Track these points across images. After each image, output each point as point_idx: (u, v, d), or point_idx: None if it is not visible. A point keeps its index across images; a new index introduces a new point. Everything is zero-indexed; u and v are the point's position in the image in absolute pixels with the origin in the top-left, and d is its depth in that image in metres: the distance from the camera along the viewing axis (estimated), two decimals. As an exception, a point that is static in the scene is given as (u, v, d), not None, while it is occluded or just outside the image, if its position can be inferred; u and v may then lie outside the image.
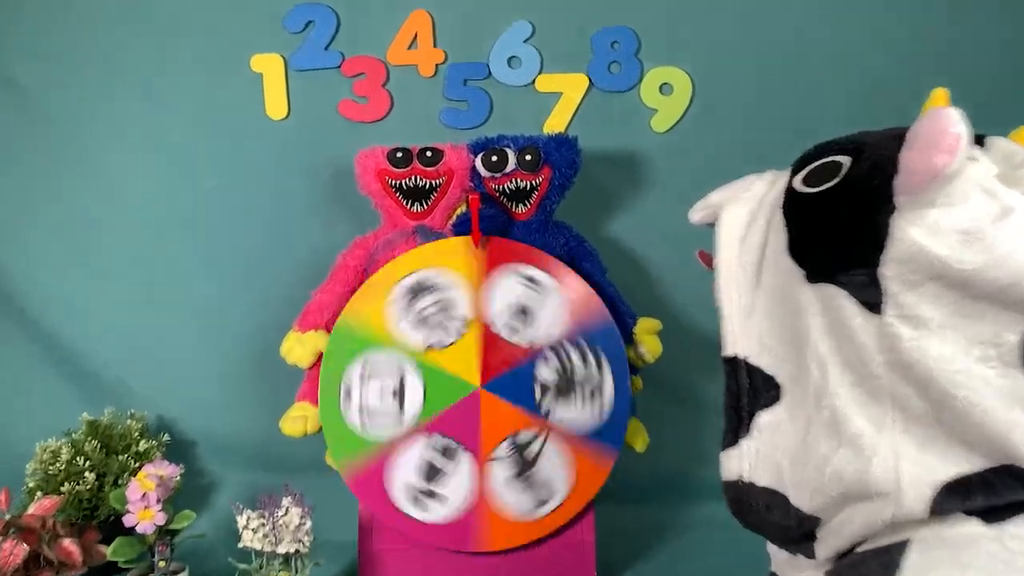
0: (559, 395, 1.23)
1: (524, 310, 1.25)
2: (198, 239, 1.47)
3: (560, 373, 1.24)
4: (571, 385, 1.23)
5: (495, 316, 1.24)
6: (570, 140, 1.32)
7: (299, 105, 1.46)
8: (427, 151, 1.31)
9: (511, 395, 1.23)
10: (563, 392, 1.23)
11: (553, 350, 1.24)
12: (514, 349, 1.24)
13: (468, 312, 1.24)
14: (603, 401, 1.24)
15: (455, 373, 1.23)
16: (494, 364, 1.24)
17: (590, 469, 1.23)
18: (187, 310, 1.48)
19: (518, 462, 1.22)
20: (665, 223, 1.46)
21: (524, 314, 1.25)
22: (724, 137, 1.50)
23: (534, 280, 1.25)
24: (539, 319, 1.25)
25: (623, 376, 1.24)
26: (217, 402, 1.48)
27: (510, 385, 1.23)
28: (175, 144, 1.46)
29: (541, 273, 1.26)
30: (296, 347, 1.29)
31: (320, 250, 1.38)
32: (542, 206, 1.33)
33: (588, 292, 1.26)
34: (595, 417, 1.23)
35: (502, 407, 1.23)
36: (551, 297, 1.25)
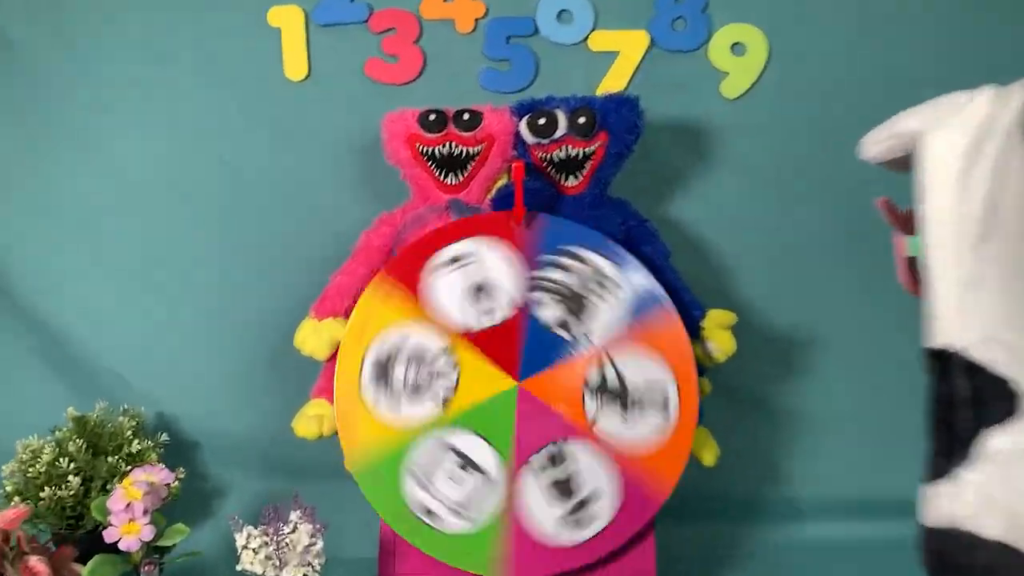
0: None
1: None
2: (206, 216, 1.31)
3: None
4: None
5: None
6: (631, 100, 1.14)
7: (321, 65, 1.30)
8: (464, 113, 1.14)
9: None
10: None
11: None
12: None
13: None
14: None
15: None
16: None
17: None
18: (193, 295, 1.31)
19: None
20: (735, 203, 1.32)
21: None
22: (806, 105, 1.31)
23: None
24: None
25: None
26: (225, 398, 1.31)
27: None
28: (180, 110, 1.30)
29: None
30: (311, 336, 1.12)
31: (344, 228, 1.21)
32: (596, 178, 1.15)
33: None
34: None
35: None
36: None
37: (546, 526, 1.04)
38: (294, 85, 1.30)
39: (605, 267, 1.07)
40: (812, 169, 1.31)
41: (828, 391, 1.33)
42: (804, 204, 1.32)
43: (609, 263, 1.07)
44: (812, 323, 1.33)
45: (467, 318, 1.06)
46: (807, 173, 1.32)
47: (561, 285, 1.07)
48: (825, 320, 1.33)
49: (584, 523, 1.04)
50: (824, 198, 1.32)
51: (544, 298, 1.06)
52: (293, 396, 1.16)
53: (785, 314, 1.32)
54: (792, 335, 1.32)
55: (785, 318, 1.32)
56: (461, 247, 1.08)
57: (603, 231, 1.12)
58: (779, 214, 1.32)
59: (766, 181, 1.31)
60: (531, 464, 1.04)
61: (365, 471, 1.04)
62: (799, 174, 1.32)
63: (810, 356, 1.33)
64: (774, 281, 1.32)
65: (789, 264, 1.32)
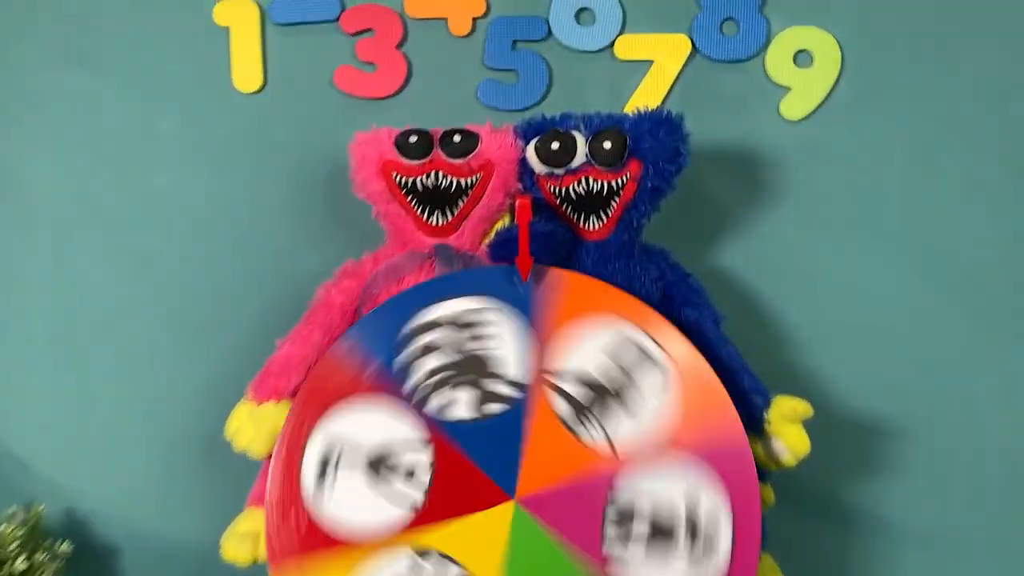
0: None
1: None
2: (133, 260, 1.05)
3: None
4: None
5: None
6: (671, 120, 0.87)
7: (280, 73, 1.04)
8: (454, 134, 0.88)
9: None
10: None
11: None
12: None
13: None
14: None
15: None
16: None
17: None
18: (113, 362, 1.05)
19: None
20: (801, 253, 1.05)
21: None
22: (890, 128, 1.04)
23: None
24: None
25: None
26: (151, 494, 1.05)
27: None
28: (103, 128, 1.05)
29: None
30: (247, 425, 0.86)
31: (303, 278, 0.95)
32: (625, 220, 0.89)
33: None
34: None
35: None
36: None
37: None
38: (245, 98, 1.04)
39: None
40: (899, 211, 1.04)
41: (916, 495, 1.06)
42: (890, 255, 1.04)
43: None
44: (900, 407, 1.05)
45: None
46: (893, 216, 1.04)
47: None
48: (917, 404, 1.05)
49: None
50: (915, 249, 1.05)
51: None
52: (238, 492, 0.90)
53: (865, 395, 1.05)
54: (876, 422, 1.05)
55: (865, 400, 1.05)
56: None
57: (634, 290, 0.86)
58: (859, 268, 1.04)
59: (840, 225, 1.04)
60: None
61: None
62: (883, 217, 1.05)
63: (897, 450, 1.05)
64: (852, 353, 1.05)
65: (872, 331, 1.05)
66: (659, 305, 0.86)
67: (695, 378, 0.80)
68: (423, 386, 0.80)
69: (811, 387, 1.03)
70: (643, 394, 0.79)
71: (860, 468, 1.05)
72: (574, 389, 0.79)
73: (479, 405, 0.80)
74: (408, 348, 0.81)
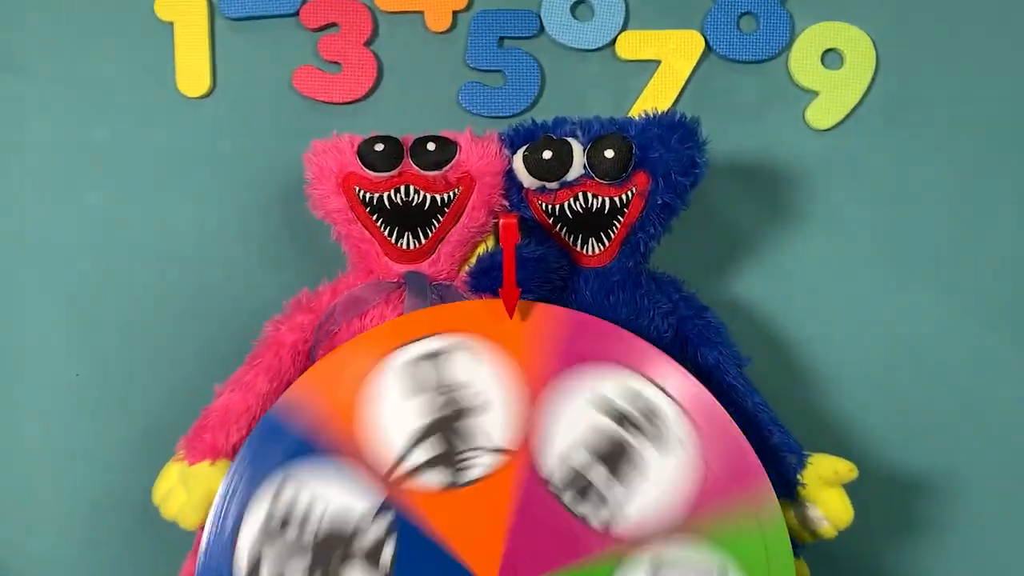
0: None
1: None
2: (59, 288, 0.91)
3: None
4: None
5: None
6: (686, 124, 0.74)
7: (231, 75, 0.91)
8: (427, 142, 0.74)
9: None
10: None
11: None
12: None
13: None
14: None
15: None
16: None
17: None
18: (32, 407, 0.91)
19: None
20: (832, 281, 0.92)
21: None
22: (930, 139, 0.91)
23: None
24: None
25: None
26: (72, 563, 0.90)
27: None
28: (29, 137, 0.91)
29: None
30: (178, 490, 0.72)
31: (254, 312, 0.80)
32: (631, 243, 0.75)
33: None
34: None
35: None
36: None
37: None
38: (192, 104, 0.91)
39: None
40: (942, 233, 0.91)
41: (963, 557, 0.91)
42: (932, 284, 0.91)
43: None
44: (945, 458, 0.91)
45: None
46: (935, 239, 0.91)
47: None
48: (964, 453, 0.91)
49: None
50: (960, 277, 0.91)
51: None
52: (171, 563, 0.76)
53: (906, 445, 0.91)
54: (918, 475, 0.91)
55: (906, 450, 0.91)
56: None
57: (641, 327, 0.73)
58: (897, 299, 0.91)
59: (875, 249, 0.91)
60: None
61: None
62: (923, 240, 0.91)
63: (943, 506, 0.91)
64: (890, 397, 0.91)
65: (912, 371, 0.91)
66: (670, 345, 0.73)
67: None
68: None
69: (844, 437, 0.89)
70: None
71: (901, 528, 0.91)
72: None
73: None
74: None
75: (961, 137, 0.91)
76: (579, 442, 0.65)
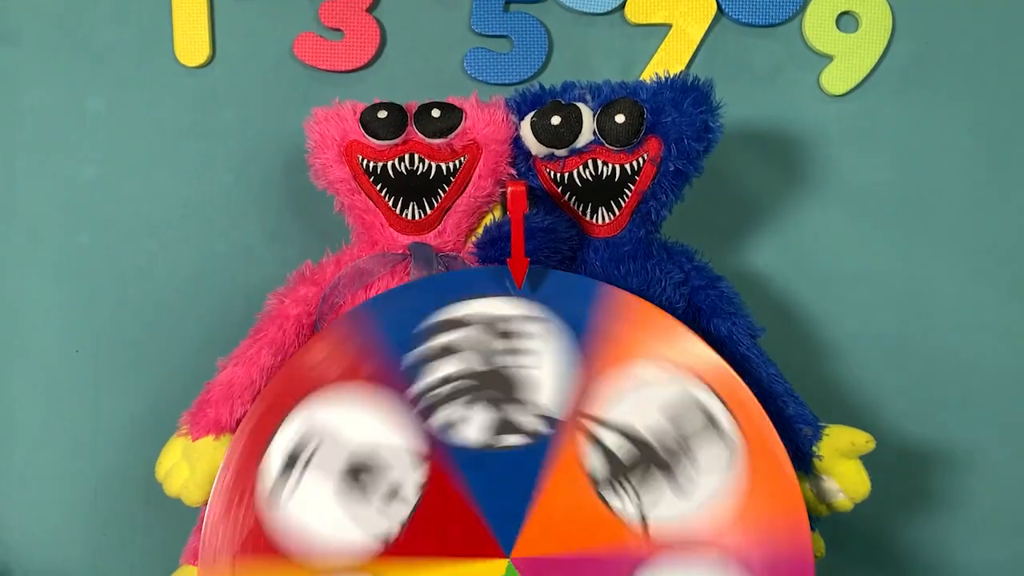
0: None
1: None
2: (56, 264, 0.89)
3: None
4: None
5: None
6: (699, 88, 0.72)
7: (230, 43, 0.89)
8: (432, 109, 0.72)
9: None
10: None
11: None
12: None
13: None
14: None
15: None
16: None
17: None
18: (32, 385, 0.89)
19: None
20: (847, 249, 0.90)
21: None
22: (946, 104, 0.89)
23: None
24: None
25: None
26: (76, 542, 0.89)
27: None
28: (23, 106, 0.89)
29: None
30: (182, 466, 0.70)
31: (256, 285, 0.79)
32: (642, 212, 0.73)
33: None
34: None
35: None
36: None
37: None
38: (191, 73, 0.88)
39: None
40: (961, 202, 0.89)
41: (982, 531, 0.90)
42: (951, 254, 0.89)
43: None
44: (964, 431, 0.89)
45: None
46: (954, 208, 0.89)
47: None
48: (983, 426, 0.90)
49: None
50: (980, 246, 0.89)
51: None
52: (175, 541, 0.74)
53: (924, 418, 0.89)
54: (936, 449, 0.89)
55: (924, 424, 0.89)
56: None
57: (653, 296, 0.70)
58: (914, 269, 0.89)
59: (892, 218, 0.89)
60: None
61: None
62: (942, 209, 0.89)
63: (962, 480, 0.90)
64: (908, 369, 0.89)
65: (930, 343, 0.89)
66: (683, 316, 0.71)
67: (766, 464, 0.64)
68: (433, 394, 0.64)
69: (860, 409, 0.88)
70: (699, 472, 0.63)
71: (918, 501, 0.90)
72: (616, 443, 0.64)
73: (495, 433, 0.64)
74: (427, 343, 0.65)
75: (980, 101, 0.89)
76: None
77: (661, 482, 0.63)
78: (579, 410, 0.64)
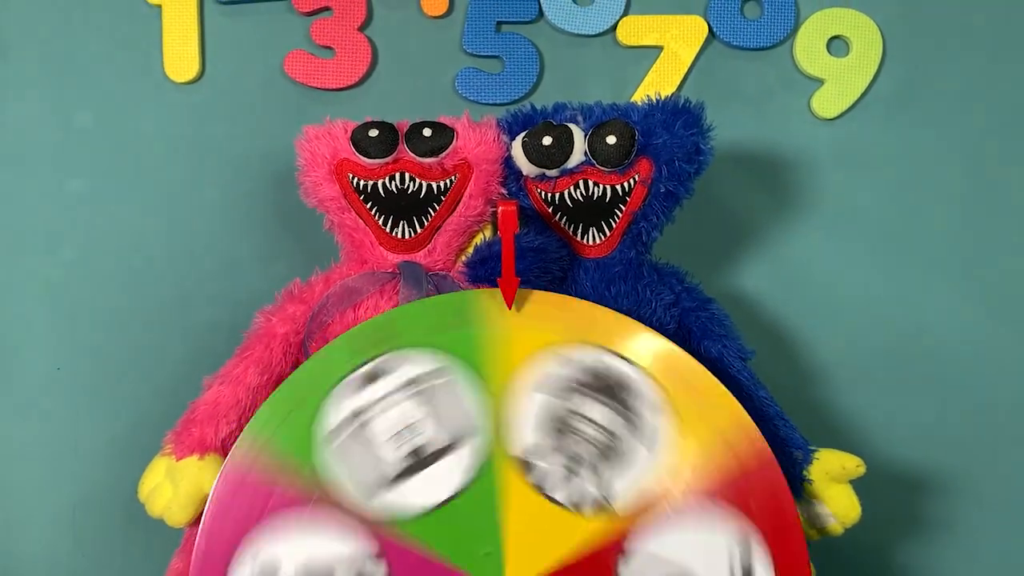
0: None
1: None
2: (41, 280, 0.88)
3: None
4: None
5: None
6: (690, 110, 0.71)
7: (220, 60, 0.88)
8: (423, 128, 0.72)
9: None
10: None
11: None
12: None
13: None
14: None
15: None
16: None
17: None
18: (13, 402, 0.87)
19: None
20: (837, 275, 0.90)
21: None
22: (936, 129, 0.89)
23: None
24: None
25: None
26: (57, 565, 0.87)
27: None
28: (11, 123, 0.88)
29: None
30: (165, 486, 0.69)
31: (243, 303, 0.78)
32: (632, 233, 0.73)
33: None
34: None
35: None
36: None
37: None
38: (180, 90, 0.88)
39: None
40: (952, 225, 0.89)
41: (975, 558, 0.89)
42: (941, 277, 0.89)
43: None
44: (956, 456, 0.89)
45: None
46: (945, 231, 0.89)
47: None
48: (975, 451, 0.89)
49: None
50: (971, 270, 0.89)
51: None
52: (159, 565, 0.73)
53: (915, 442, 0.89)
54: (928, 473, 0.89)
55: (915, 448, 0.89)
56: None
57: (643, 318, 0.70)
58: (904, 292, 0.89)
59: (882, 241, 0.89)
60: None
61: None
62: (933, 232, 0.89)
63: (953, 505, 0.89)
64: (898, 392, 0.89)
65: (921, 366, 0.89)
66: (673, 338, 0.70)
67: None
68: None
69: (851, 433, 0.87)
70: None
71: (909, 526, 0.89)
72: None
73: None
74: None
75: (971, 125, 0.89)
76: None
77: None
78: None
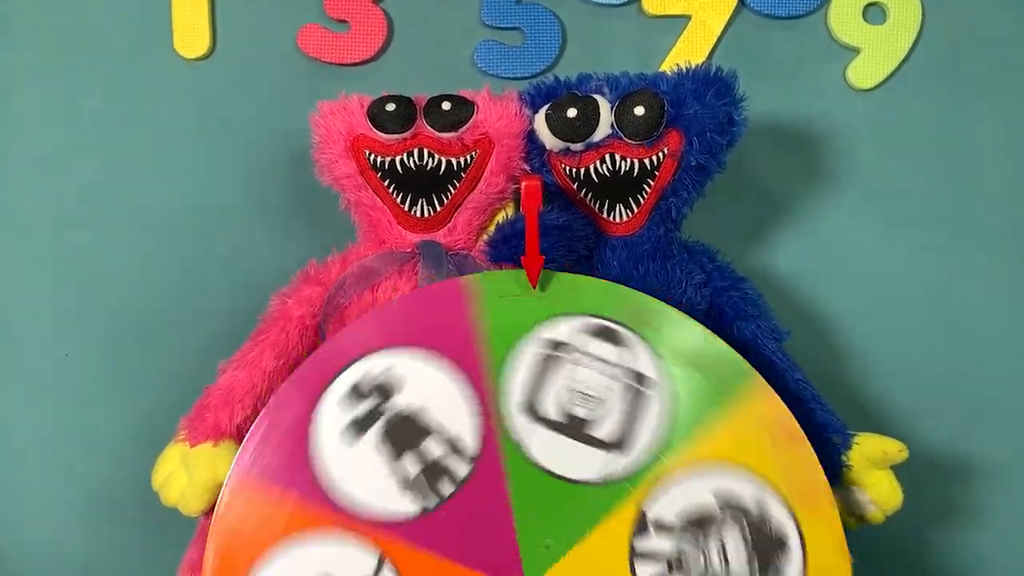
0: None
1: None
2: (52, 265, 0.86)
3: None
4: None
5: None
6: (722, 79, 0.68)
7: (232, 35, 0.86)
8: (442, 102, 0.69)
9: None
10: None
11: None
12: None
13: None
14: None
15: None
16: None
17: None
18: (26, 391, 0.86)
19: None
20: (874, 251, 0.86)
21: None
22: (977, 99, 0.85)
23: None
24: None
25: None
26: (72, 556, 0.85)
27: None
28: (18, 105, 0.86)
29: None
30: (179, 473, 0.67)
31: (259, 286, 0.75)
32: (661, 209, 0.70)
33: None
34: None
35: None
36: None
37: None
38: (190, 66, 0.85)
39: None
40: (995, 201, 0.85)
41: (1019, 544, 0.86)
42: (985, 257, 0.85)
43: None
44: (998, 443, 0.85)
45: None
46: (988, 207, 0.86)
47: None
48: (1018, 439, 0.86)
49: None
50: (1016, 248, 0.85)
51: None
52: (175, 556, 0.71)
53: (956, 429, 0.85)
54: (969, 461, 0.85)
55: (956, 435, 0.85)
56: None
57: (673, 298, 0.67)
58: (946, 273, 0.86)
59: (922, 219, 0.86)
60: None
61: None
62: (975, 209, 0.86)
63: (997, 494, 0.86)
64: (938, 378, 0.85)
65: (962, 351, 0.85)
66: (704, 318, 0.67)
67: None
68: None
69: (890, 418, 0.84)
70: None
71: (952, 515, 0.86)
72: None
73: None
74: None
75: (1013, 94, 0.85)
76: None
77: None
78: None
